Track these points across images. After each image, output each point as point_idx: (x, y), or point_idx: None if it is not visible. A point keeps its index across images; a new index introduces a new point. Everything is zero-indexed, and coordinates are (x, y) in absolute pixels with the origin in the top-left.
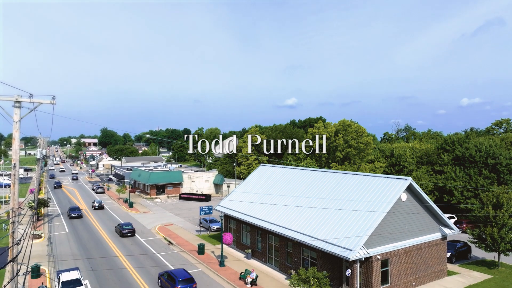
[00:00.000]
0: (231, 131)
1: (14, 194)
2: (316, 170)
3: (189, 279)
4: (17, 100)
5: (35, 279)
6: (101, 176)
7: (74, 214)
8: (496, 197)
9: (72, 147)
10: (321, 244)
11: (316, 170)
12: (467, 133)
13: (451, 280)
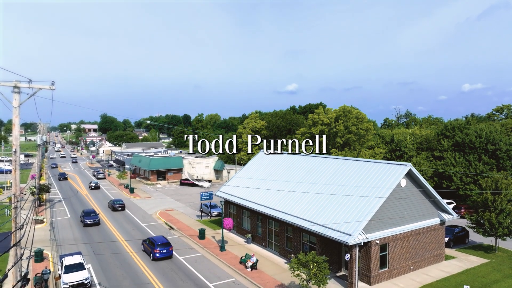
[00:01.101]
0: (231, 117)
1: (16, 180)
2: (316, 156)
3: (166, 243)
4: (16, 85)
5: (38, 263)
6: (101, 162)
7: (91, 221)
8: (495, 182)
9: (72, 133)
10: (320, 229)
11: (316, 156)
12: (467, 119)
13: (448, 264)
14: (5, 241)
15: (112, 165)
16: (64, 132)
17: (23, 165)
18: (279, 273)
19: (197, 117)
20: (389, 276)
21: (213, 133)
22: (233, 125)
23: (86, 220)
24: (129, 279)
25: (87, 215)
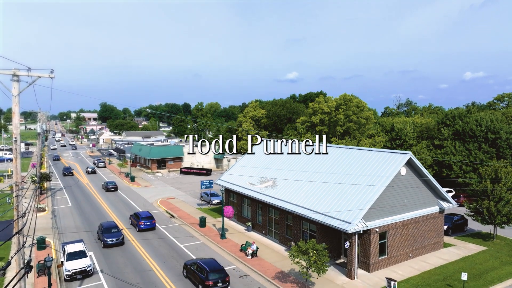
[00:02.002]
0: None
1: (17, 168)
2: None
3: (149, 217)
4: (15, 73)
5: (41, 250)
6: (102, 151)
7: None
8: (495, 171)
9: (72, 122)
10: (320, 217)
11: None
12: (468, 107)
13: (447, 252)
14: (7, 229)
15: (113, 154)
16: (64, 121)
17: (24, 153)
18: (279, 261)
19: (197, 106)
20: (388, 264)
21: (213, 121)
22: (233, 113)
23: (107, 240)
24: (130, 266)
25: (107, 231)
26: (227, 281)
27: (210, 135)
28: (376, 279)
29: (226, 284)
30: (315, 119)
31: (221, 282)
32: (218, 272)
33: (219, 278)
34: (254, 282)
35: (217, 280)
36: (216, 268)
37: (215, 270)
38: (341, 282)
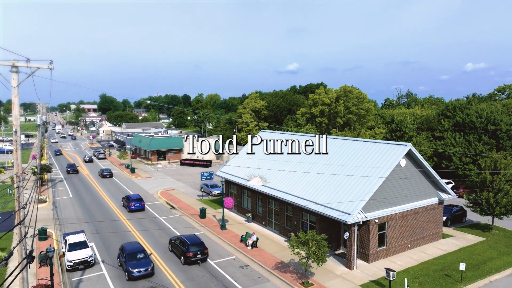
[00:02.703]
0: (231, 97)
1: (17, 160)
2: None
3: (139, 199)
4: (14, 64)
5: (42, 241)
6: (102, 142)
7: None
8: (494, 162)
9: (72, 113)
10: (320, 208)
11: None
12: (468, 99)
13: (445, 243)
14: (9, 220)
15: (113, 145)
16: (63, 112)
17: (24, 145)
18: (279, 251)
19: (196, 97)
20: (387, 254)
21: (213, 113)
22: (233, 105)
23: (134, 271)
24: None
25: (131, 258)
26: (206, 253)
27: (210, 126)
28: (375, 269)
29: (205, 256)
30: (315, 111)
31: (200, 254)
32: (198, 246)
33: (198, 250)
34: (254, 272)
35: (197, 252)
36: (196, 242)
37: (195, 244)
38: (340, 272)
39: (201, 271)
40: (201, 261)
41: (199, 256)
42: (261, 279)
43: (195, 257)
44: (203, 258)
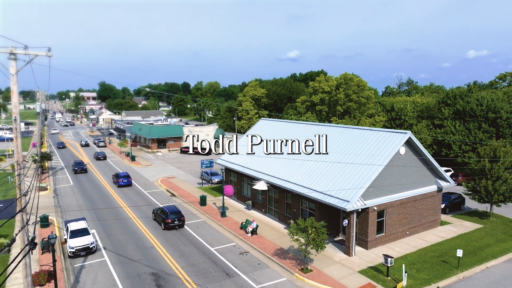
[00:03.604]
0: (230, 85)
1: (17, 148)
2: (316, 124)
3: (126, 176)
4: (12, 52)
5: (44, 228)
6: (102, 130)
7: None
8: (494, 150)
9: (71, 101)
10: (319, 196)
11: (316, 124)
12: (469, 87)
13: (443, 230)
14: (11, 207)
15: (113, 133)
16: (63, 100)
17: (24, 133)
18: (279, 238)
19: (196, 85)
20: (385, 241)
21: (213, 101)
22: (233, 93)
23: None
24: (133, 244)
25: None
26: (182, 221)
27: (210, 114)
28: (373, 256)
29: (182, 223)
30: (315, 99)
31: (177, 220)
32: (175, 214)
33: (175, 218)
34: (254, 258)
35: (174, 219)
36: (174, 211)
37: (173, 212)
38: (339, 259)
39: (179, 238)
40: (178, 226)
41: (176, 223)
42: (261, 265)
43: (173, 223)
44: (180, 224)
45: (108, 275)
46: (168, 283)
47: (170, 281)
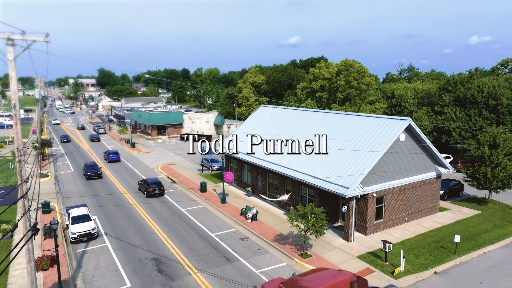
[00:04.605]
0: (230, 72)
1: (17, 134)
2: (316, 111)
3: (115, 153)
4: (10, 37)
5: (46, 214)
6: (101, 117)
7: None
8: (493, 137)
9: (70, 88)
10: (319, 183)
11: (316, 111)
12: (471, 73)
13: (442, 216)
14: (12, 193)
15: (112, 120)
16: (62, 87)
17: (23, 120)
18: (278, 224)
19: (196, 72)
20: (384, 227)
21: (213, 87)
22: (233, 79)
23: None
24: (134, 229)
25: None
26: (162, 190)
27: (210, 101)
28: (372, 242)
29: (162, 192)
30: (315, 85)
31: (157, 189)
32: (156, 184)
33: (156, 187)
34: (254, 244)
35: (155, 188)
36: (155, 182)
37: (154, 183)
38: (338, 244)
39: (179, 224)
40: (158, 194)
41: (156, 191)
42: (261, 250)
43: (154, 191)
44: (160, 193)
45: (110, 260)
46: (169, 268)
47: (171, 266)
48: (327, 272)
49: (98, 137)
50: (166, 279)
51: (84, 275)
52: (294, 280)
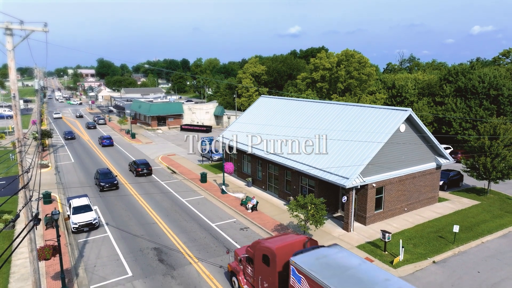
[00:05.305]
0: (230, 62)
1: (18, 125)
2: (316, 102)
3: (108, 138)
4: (8, 27)
5: (47, 204)
6: (101, 108)
7: None
8: (494, 128)
9: (70, 78)
10: (319, 173)
11: (317, 102)
12: (472, 63)
13: (441, 206)
14: (13, 184)
15: (112, 111)
16: (61, 77)
17: (23, 110)
18: (278, 214)
19: (196, 62)
20: (384, 217)
21: (212, 78)
22: (233, 70)
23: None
24: (135, 220)
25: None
26: (150, 170)
27: (209, 92)
28: (371, 232)
29: (149, 171)
30: (316, 76)
31: (145, 169)
32: (144, 164)
33: (144, 167)
34: (254, 234)
35: (143, 168)
36: (143, 162)
37: (143, 163)
38: (337, 234)
39: (180, 214)
40: (146, 174)
41: (145, 171)
42: None
43: (142, 171)
44: (148, 172)
45: (111, 250)
46: (170, 257)
47: (172, 256)
48: (286, 236)
49: (94, 124)
50: (167, 268)
51: (86, 265)
52: (257, 242)
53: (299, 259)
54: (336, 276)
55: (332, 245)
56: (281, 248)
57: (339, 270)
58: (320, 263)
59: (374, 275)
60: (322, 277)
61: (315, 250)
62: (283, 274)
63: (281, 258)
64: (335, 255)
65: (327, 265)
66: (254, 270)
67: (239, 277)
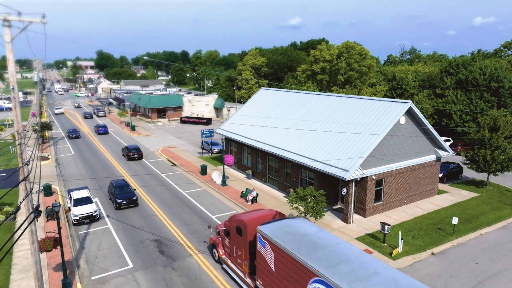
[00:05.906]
0: (230, 54)
1: (17, 117)
2: (316, 94)
3: (103, 126)
4: (6, 18)
5: (48, 197)
6: (101, 100)
7: None
8: (494, 120)
9: (69, 70)
10: (319, 165)
11: (317, 94)
12: (473, 55)
13: (440, 198)
14: (13, 176)
15: (112, 103)
16: (60, 69)
17: (23, 102)
18: (278, 206)
19: (195, 54)
20: (383, 209)
21: (212, 70)
22: (233, 62)
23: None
24: (135, 212)
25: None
26: (141, 154)
27: (209, 84)
28: (370, 224)
29: (140, 156)
30: (316, 68)
31: (136, 154)
32: (135, 149)
33: (135, 152)
34: None
35: (134, 153)
36: (135, 147)
37: (134, 148)
38: (337, 226)
39: (181, 206)
40: (137, 158)
41: (136, 155)
42: None
43: (133, 155)
44: (138, 156)
45: (112, 241)
46: (171, 249)
47: (173, 247)
48: (258, 211)
49: (91, 114)
50: (168, 260)
51: (87, 256)
52: (233, 216)
53: (265, 227)
54: (295, 241)
55: (296, 217)
56: (252, 220)
57: (298, 236)
58: (282, 231)
59: (327, 240)
60: (282, 242)
61: (281, 221)
62: (253, 242)
63: (252, 229)
64: (297, 225)
65: (289, 233)
66: (230, 241)
67: (218, 248)
